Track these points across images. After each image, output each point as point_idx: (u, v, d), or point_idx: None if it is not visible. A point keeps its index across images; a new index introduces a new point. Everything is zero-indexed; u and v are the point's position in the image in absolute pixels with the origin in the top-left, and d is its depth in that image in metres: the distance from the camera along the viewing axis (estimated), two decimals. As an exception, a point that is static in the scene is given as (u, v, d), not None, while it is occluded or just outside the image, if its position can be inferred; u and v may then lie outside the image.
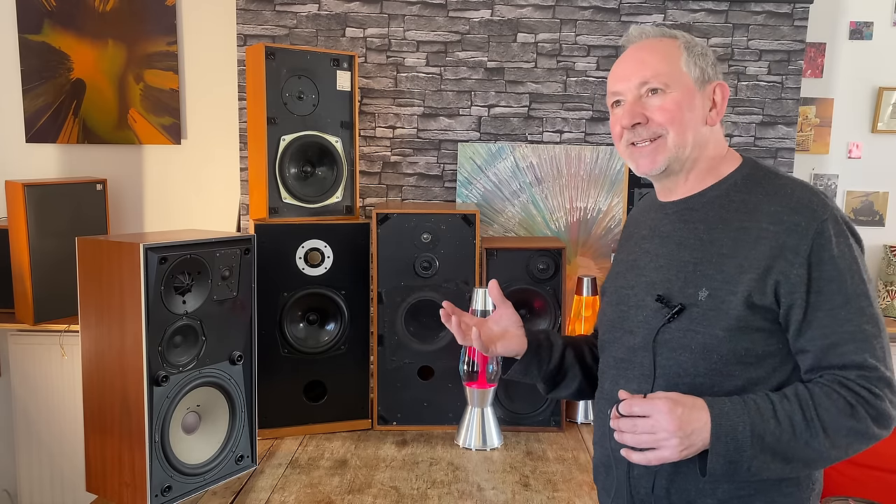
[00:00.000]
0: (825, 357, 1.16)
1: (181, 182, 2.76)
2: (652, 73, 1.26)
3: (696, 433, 1.13)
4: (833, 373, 1.15)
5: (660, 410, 1.13)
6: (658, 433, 1.13)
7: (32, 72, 2.68)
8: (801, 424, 1.13)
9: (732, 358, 1.19)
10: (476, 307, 2.00)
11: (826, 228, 1.16)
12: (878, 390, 1.13)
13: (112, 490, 1.67)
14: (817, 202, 1.19)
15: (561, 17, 2.46)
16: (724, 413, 1.14)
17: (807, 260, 1.15)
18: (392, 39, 2.46)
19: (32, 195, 2.38)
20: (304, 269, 2.07)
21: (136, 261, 1.55)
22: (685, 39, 1.30)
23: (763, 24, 2.46)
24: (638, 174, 1.33)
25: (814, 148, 2.78)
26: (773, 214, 1.19)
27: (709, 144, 1.29)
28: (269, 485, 1.78)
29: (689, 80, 1.26)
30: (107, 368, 1.65)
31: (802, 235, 1.16)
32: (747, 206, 1.23)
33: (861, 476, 2.15)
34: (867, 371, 1.13)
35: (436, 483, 1.80)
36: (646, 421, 1.14)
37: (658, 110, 1.25)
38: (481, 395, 2.03)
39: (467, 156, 2.49)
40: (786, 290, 1.16)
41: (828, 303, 1.15)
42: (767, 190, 1.24)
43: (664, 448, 1.13)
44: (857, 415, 1.12)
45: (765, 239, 1.18)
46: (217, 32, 2.65)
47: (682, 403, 1.14)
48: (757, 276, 1.17)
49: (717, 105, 1.29)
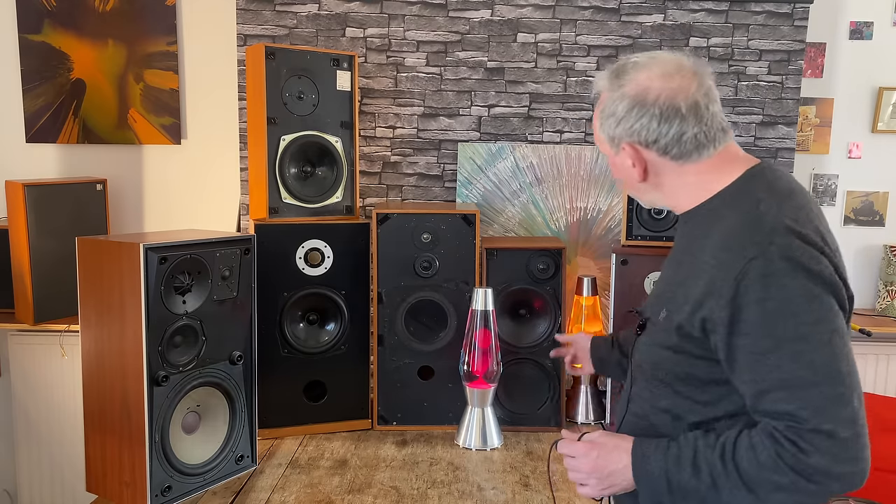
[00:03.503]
0: (757, 402, 1.10)
1: (181, 182, 2.75)
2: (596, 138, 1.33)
3: (615, 474, 1.23)
4: (766, 420, 1.09)
5: (579, 453, 1.27)
6: (579, 472, 1.27)
7: (32, 72, 2.68)
8: (721, 475, 1.11)
9: (674, 377, 1.23)
10: (476, 307, 2.00)
11: (751, 269, 1.07)
12: (805, 444, 1.04)
13: (112, 490, 1.67)
14: (753, 240, 1.10)
15: (561, 17, 2.46)
16: (645, 457, 1.20)
17: (730, 302, 1.09)
18: (392, 39, 2.46)
19: (32, 195, 2.38)
20: (304, 269, 2.07)
21: (136, 261, 1.55)
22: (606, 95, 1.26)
23: (763, 24, 2.46)
24: None
25: (814, 148, 2.78)
26: (713, 249, 1.15)
27: (669, 188, 1.28)
28: (269, 485, 1.78)
29: (607, 147, 1.31)
30: (107, 368, 1.65)
31: (727, 276, 1.10)
32: (708, 231, 1.19)
33: (861, 476, 2.14)
34: (797, 422, 1.05)
35: (436, 483, 1.80)
36: (570, 461, 1.29)
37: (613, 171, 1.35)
38: (481, 395, 2.03)
39: (467, 156, 2.49)
40: (710, 328, 1.13)
41: (753, 346, 1.08)
42: (725, 218, 1.17)
43: (586, 486, 1.27)
44: (780, 469, 1.06)
45: (705, 273, 1.15)
46: (217, 32, 2.65)
47: (602, 446, 1.26)
48: (690, 309, 1.16)
49: (637, 164, 1.25)
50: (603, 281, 2.42)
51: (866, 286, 2.82)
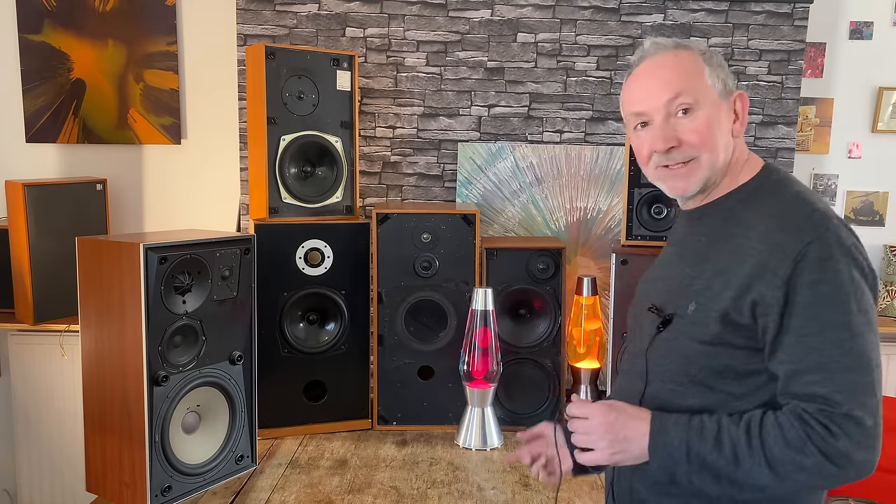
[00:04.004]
0: (789, 383, 1.12)
1: (181, 182, 2.75)
2: (680, 89, 1.21)
3: (629, 441, 1.19)
4: (796, 402, 1.11)
5: (594, 412, 1.22)
6: (591, 434, 1.22)
7: (32, 72, 2.68)
8: (744, 451, 1.11)
9: (711, 373, 1.19)
10: (476, 307, 2.00)
11: (811, 251, 1.10)
12: (836, 428, 1.06)
13: (112, 490, 1.67)
14: (809, 223, 1.13)
15: (561, 17, 2.46)
16: (664, 427, 1.17)
17: (785, 283, 1.11)
18: (392, 39, 2.46)
19: (32, 195, 2.38)
20: (304, 269, 2.07)
21: (136, 261, 1.55)
22: (702, 50, 1.25)
23: (763, 24, 2.46)
24: (669, 195, 1.31)
25: (814, 148, 2.78)
26: (763, 233, 1.16)
27: (734, 156, 1.27)
28: (269, 485, 1.78)
29: (715, 95, 1.23)
30: (107, 368, 1.65)
31: (784, 257, 1.11)
32: (746, 221, 1.21)
33: (861, 476, 2.14)
34: (830, 406, 1.07)
35: (436, 483, 1.80)
36: (581, 422, 1.23)
37: (691, 132, 1.21)
38: (481, 395, 2.03)
39: (467, 156, 2.49)
40: (761, 311, 1.13)
41: (800, 329, 1.10)
42: (767, 205, 1.20)
43: (595, 450, 1.21)
44: (807, 450, 1.07)
45: (751, 257, 1.15)
46: (217, 32, 2.65)
47: (619, 410, 1.21)
48: (736, 295, 1.15)
49: (739, 116, 1.25)
50: (603, 281, 2.42)
51: (866, 286, 2.82)
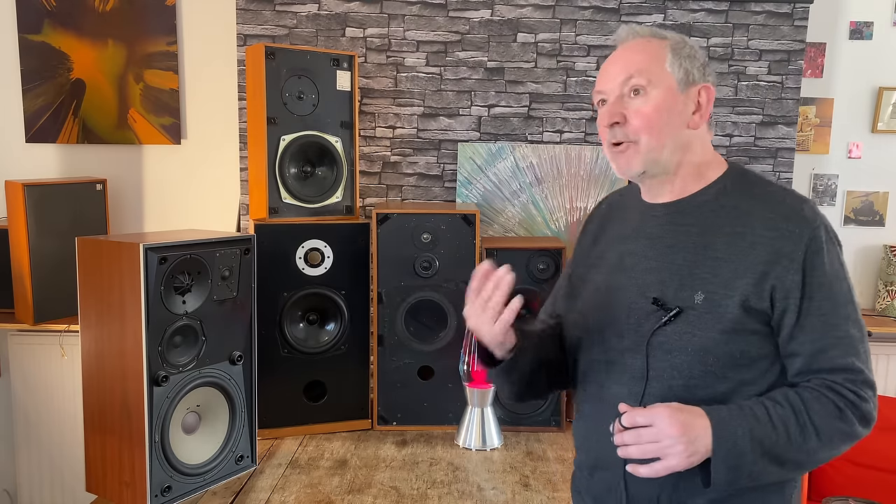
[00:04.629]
0: (815, 361, 1.18)
1: (181, 182, 2.75)
2: (635, 69, 1.25)
3: (699, 439, 1.13)
4: (822, 377, 1.18)
5: (662, 416, 1.12)
6: (663, 440, 1.12)
7: (32, 72, 2.68)
8: (795, 429, 1.15)
9: (728, 360, 1.20)
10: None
11: (819, 236, 1.19)
12: (863, 392, 1.17)
13: (112, 490, 1.67)
14: (809, 210, 1.22)
15: (561, 17, 2.46)
16: (724, 420, 1.14)
17: (801, 266, 1.18)
18: (392, 39, 2.46)
19: (32, 195, 2.38)
20: (304, 269, 2.07)
21: (136, 261, 1.55)
22: (674, 40, 1.28)
23: (763, 24, 2.46)
24: (618, 175, 1.33)
25: (814, 148, 2.78)
26: (767, 220, 1.21)
27: (693, 147, 1.28)
28: (269, 485, 1.78)
29: (672, 81, 1.25)
30: (107, 368, 1.65)
31: (797, 242, 1.19)
32: (739, 211, 1.24)
33: (861, 476, 2.15)
34: (853, 374, 1.17)
35: (436, 483, 1.80)
36: (649, 430, 1.13)
37: (635, 114, 1.24)
38: (481, 395, 2.03)
39: (467, 156, 2.49)
40: (781, 295, 1.19)
41: (818, 309, 1.18)
42: (759, 196, 1.25)
43: (670, 456, 1.12)
44: (846, 417, 1.16)
45: (760, 244, 1.20)
46: (217, 32, 2.65)
47: (685, 409, 1.15)
48: (754, 281, 1.19)
49: (701, 108, 1.27)
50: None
51: (866, 286, 2.82)
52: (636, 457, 1.15)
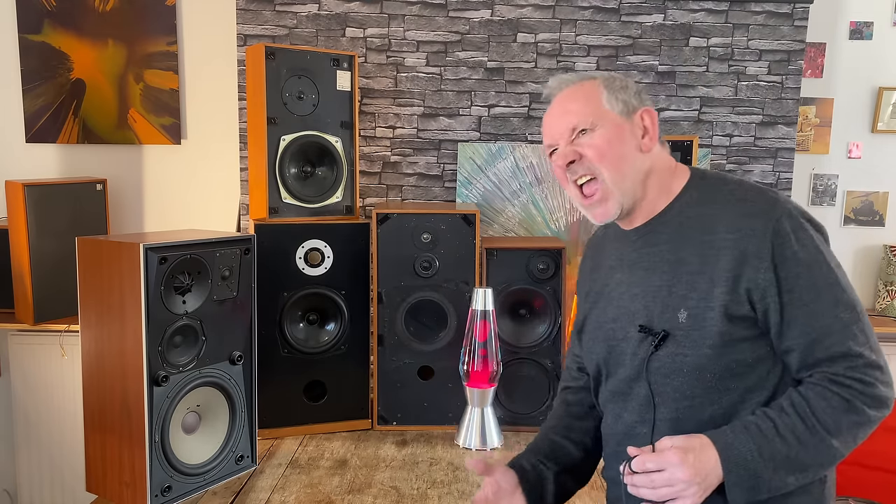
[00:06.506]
0: (810, 354, 1.16)
1: (181, 182, 2.76)
2: (577, 118, 1.29)
3: (711, 473, 1.14)
4: (821, 370, 1.16)
5: (672, 463, 1.13)
6: (676, 485, 1.13)
7: (32, 72, 2.68)
8: (805, 434, 1.13)
9: (725, 373, 1.20)
10: (476, 307, 2.00)
11: (781, 227, 1.17)
12: (867, 378, 1.14)
13: (112, 490, 1.67)
14: (767, 201, 1.20)
15: (561, 17, 2.46)
16: (730, 445, 1.14)
17: (771, 262, 1.16)
18: (392, 39, 2.46)
19: (32, 195, 2.38)
20: (304, 269, 2.07)
21: (136, 261, 1.55)
22: (604, 78, 1.32)
23: (763, 24, 2.46)
24: (598, 224, 1.34)
25: (814, 148, 2.78)
26: (729, 223, 1.21)
27: (653, 169, 1.30)
28: (269, 485, 1.78)
29: (614, 115, 1.29)
30: (107, 368, 1.65)
31: (761, 238, 1.17)
32: (704, 219, 1.24)
33: (861, 476, 2.15)
34: (853, 359, 1.14)
35: (436, 483, 1.80)
36: (661, 475, 1.14)
37: (588, 147, 1.28)
38: (481, 395, 2.03)
39: (467, 156, 2.49)
40: (758, 296, 1.17)
41: (800, 300, 1.16)
42: (719, 199, 1.25)
43: (685, 497, 1.13)
44: (854, 407, 1.13)
45: (726, 249, 1.19)
46: (217, 32, 2.65)
47: (692, 448, 1.14)
48: (728, 288, 1.18)
49: (648, 130, 1.30)
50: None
51: (866, 286, 2.82)
52: (650, 498, 1.16)
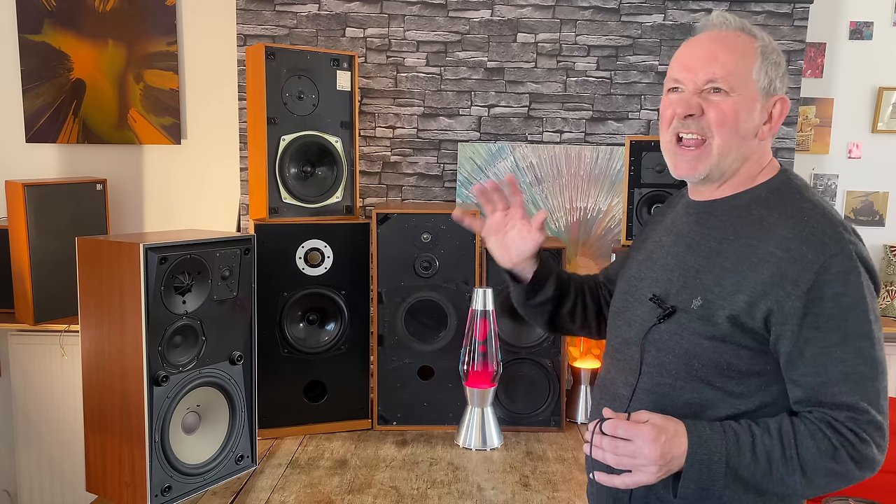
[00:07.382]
0: (815, 394, 1.13)
1: (181, 182, 2.76)
2: (721, 72, 1.20)
3: (675, 461, 1.12)
4: (823, 411, 1.12)
5: (643, 437, 1.11)
6: (638, 458, 1.12)
7: (32, 72, 2.68)
8: (778, 461, 1.11)
9: (713, 368, 1.18)
10: (476, 307, 2.00)
11: (833, 265, 1.11)
12: (865, 435, 1.10)
13: (112, 490, 1.67)
14: (832, 236, 1.13)
15: (561, 17, 2.46)
16: (703, 441, 1.12)
17: (805, 294, 1.11)
18: (392, 39, 2.46)
19: (32, 195, 2.38)
20: (304, 269, 2.07)
21: (136, 261, 1.55)
22: (763, 43, 1.24)
23: (763, 24, 2.46)
24: (675, 176, 1.27)
25: (814, 148, 2.78)
26: (783, 239, 1.15)
27: (752, 157, 1.25)
28: (269, 485, 1.78)
29: (754, 89, 1.21)
30: (107, 368, 1.65)
31: (806, 268, 1.12)
32: (762, 223, 1.19)
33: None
34: (857, 413, 1.10)
35: (436, 483, 1.80)
36: (628, 445, 1.12)
37: (715, 108, 1.20)
38: (481, 395, 2.03)
39: (467, 156, 2.49)
40: (778, 320, 1.13)
41: (823, 340, 1.11)
42: (787, 211, 1.19)
43: (642, 473, 1.12)
44: (839, 458, 1.10)
45: (767, 263, 1.14)
46: (217, 32, 2.65)
47: (665, 430, 1.12)
48: (750, 300, 1.15)
49: (772, 119, 1.24)
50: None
51: (866, 286, 2.82)
52: (608, 464, 1.15)
